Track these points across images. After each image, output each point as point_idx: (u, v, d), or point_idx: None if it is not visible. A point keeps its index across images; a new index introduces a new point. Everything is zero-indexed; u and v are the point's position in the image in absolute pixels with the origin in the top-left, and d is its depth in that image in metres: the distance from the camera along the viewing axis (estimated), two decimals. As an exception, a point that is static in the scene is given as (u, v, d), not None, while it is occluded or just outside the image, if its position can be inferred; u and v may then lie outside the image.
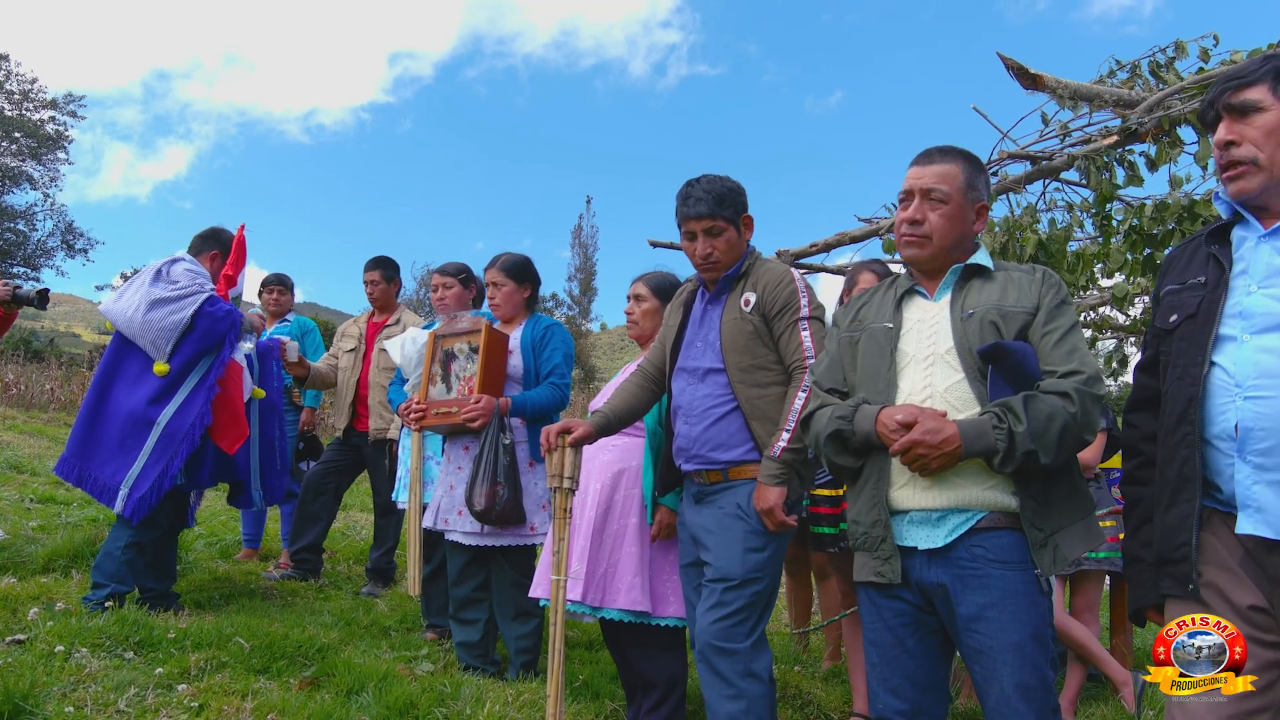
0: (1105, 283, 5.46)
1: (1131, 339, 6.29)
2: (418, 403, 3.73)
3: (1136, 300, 5.36)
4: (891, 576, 2.09)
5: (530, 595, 3.33)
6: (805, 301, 2.66)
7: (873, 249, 5.40)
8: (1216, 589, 1.80)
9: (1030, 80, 4.55)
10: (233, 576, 4.83)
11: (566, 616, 2.82)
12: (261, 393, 4.09)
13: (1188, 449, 1.82)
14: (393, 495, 4.70)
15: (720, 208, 2.69)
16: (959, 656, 2.15)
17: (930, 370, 2.10)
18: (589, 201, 28.73)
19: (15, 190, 30.01)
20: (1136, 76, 4.72)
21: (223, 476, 4.05)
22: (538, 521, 3.53)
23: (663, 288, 3.30)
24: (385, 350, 4.73)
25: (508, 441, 3.48)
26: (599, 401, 3.11)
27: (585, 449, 2.89)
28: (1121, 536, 3.84)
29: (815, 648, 4.30)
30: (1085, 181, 4.56)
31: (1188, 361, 1.85)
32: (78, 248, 30.42)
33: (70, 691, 2.70)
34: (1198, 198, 4.08)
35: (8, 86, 29.48)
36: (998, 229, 4.57)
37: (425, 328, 4.12)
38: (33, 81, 30.37)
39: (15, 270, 28.78)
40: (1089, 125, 4.70)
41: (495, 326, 3.70)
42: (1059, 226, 4.57)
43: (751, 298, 2.68)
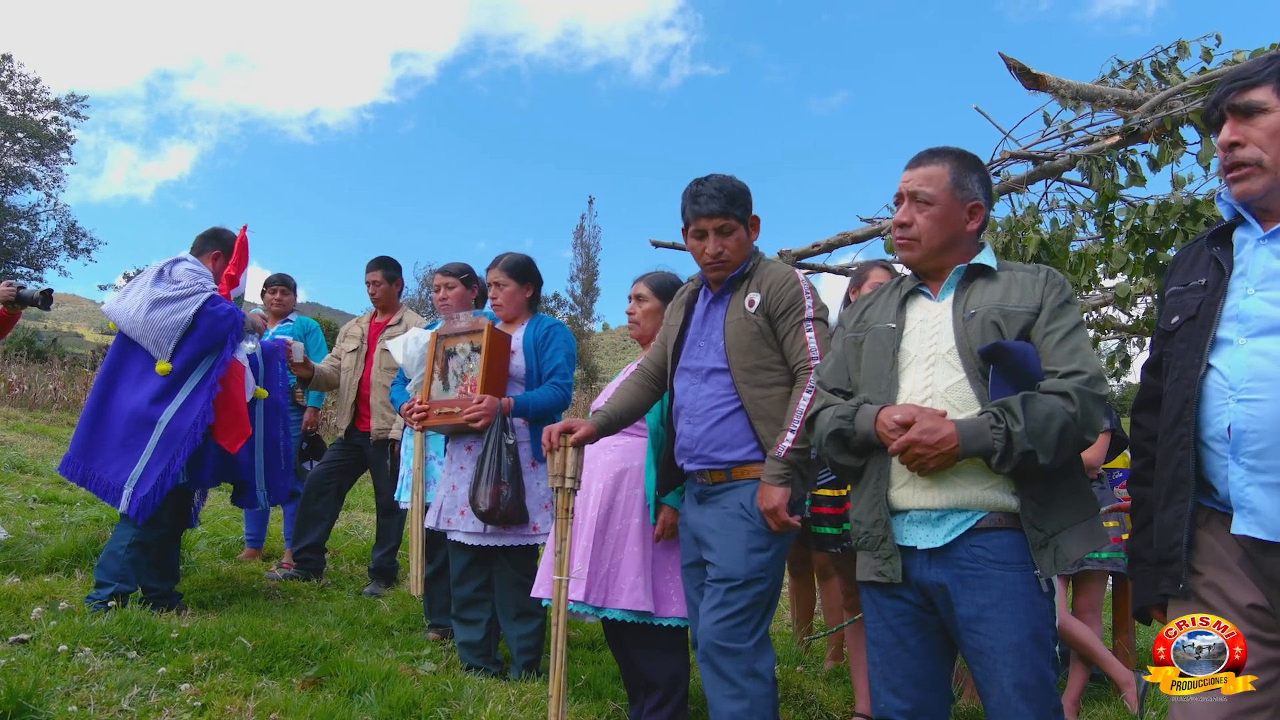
0: (1107, 283, 5.45)
1: (1134, 339, 6.28)
2: (420, 403, 3.73)
3: (1139, 300, 5.36)
4: (892, 576, 2.09)
5: (532, 595, 3.33)
6: (810, 303, 2.66)
7: (875, 249, 5.41)
8: (1217, 588, 1.80)
9: (1032, 80, 4.55)
10: (235, 576, 4.84)
11: (569, 616, 2.82)
12: (264, 393, 4.09)
13: (1183, 450, 1.83)
14: (395, 495, 4.71)
15: (732, 206, 2.69)
16: (961, 656, 2.15)
17: (932, 370, 2.10)
18: (591, 201, 28.75)
19: (18, 190, 30.13)
20: (1139, 76, 4.72)
21: (225, 476, 4.05)
22: (540, 521, 3.53)
23: (664, 288, 3.29)
24: (387, 350, 4.73)
25: (510, 442, 3.48)
26: (600, 402, 3.11)
27: (587, 449, 2.88)
28: (1125, 536, 3.86)
29: (817, 648, 4.30)
30: (1087, 181, 4.56)
31: (1185, 363, 1.86)
32: (81, 248, 30.53)
33: (73, 691, 2.70)
34: (1200, 198, 4.07)
35: (11, 87, 29.57)
36: (1000, 229, 4.57)
37: (427, 328, 4.13)
38: (35, 82, 30.52)
39: (18, 270, 28.86)
40: (1091, 125, 4.71)
41: (497, 326, 3.70)
42: (1061, 226, 4.57)
43: (756, 298, 2.68)
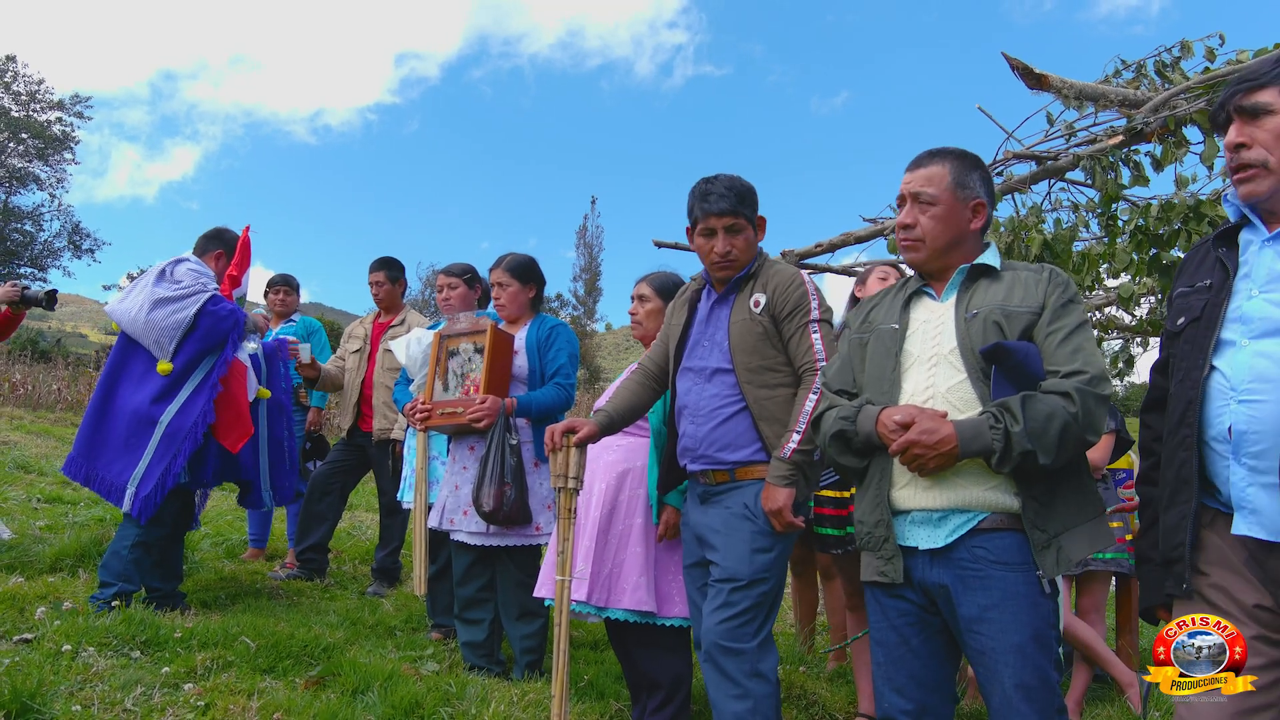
0: (1111, 283, 5.44)
1: (1137, 340, 6.26)
2: (423, 403, 3.73)
3: (1142, 300, 5.35)
4: (894, 576, 2.09)
5: (535, 595, 3.33)
6: (815, 304, 2.66)
7: (878, 249, 5.41)
8: (1222, 589, 1.80)
9: (1035, 80, 4.54)
10: (239, 576, 4.84)
11: (571, 616, 2.83)
12: (267, 393, 4.10)
13: (1186, 451, 1.83)
14: (398, 495, 4.71)
15: (742, 205, 2.69)
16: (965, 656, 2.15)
17: (933, 371, 2.10)
18: (594, 202, 28.91)
19: (22, 191, 30.19)
20: (1142, 76, 4.71)
21: (227, 476, 4.06)
22: (543, 521, 3.53)
23: (666, 288, 3.29)
24: (390, 350, 4.74)
25: (514, 442, 3.48)
26: (603, 402, 3.11)
27: (590, 449, 2.89)
28: (1129, 537, 3.86)
29: (820, 648, 4.29)
30: (1090, 181, 4.55)
31: (1190, 365, 1.86)
32: (84, 248, 30.58)
33: (77, 690, 2.71)
34: (1203, 198, 4.07)
35: (15, 88, 29.62)
36: (1003, 229, 4.57)
37: (430, 328, 4.13)
38: (39, 82, 30.58)
39: (23, 271, 28.93)
40: (1094, 125, 4.70)
41: (500, 327, 3.71)
42: (1064, 226, 4.56)
43: (761, 299, 2.68)
